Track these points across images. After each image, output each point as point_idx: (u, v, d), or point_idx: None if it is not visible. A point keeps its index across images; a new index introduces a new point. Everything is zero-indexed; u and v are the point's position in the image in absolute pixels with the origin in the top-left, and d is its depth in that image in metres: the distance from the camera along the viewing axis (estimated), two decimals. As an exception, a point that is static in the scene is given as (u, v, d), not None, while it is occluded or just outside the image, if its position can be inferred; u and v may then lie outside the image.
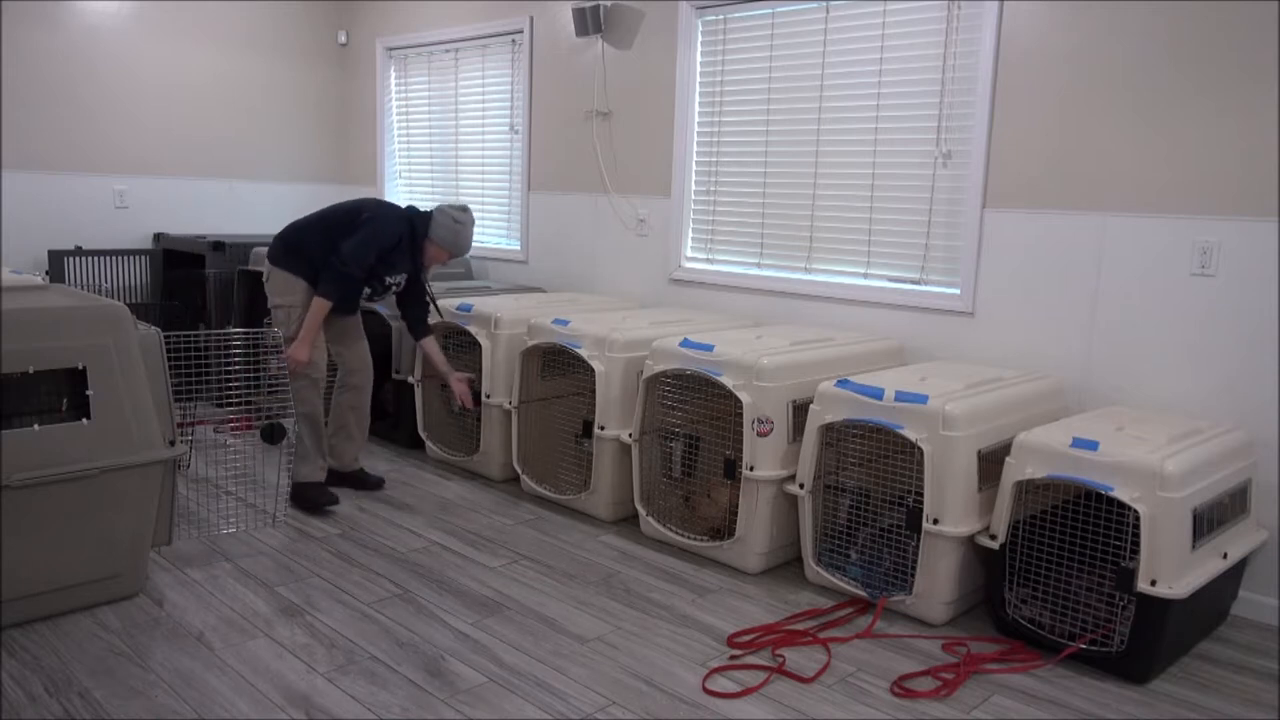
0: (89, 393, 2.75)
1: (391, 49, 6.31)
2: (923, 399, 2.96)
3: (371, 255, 3.72)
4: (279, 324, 3.82)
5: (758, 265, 4.48)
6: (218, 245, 5.31)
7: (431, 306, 4.16)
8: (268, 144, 6.38)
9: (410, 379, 4.54)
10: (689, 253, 4.75)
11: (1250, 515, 3.04)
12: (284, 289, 3.80)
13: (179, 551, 3.36)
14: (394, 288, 3.93)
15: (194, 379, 4.74)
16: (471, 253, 5.83)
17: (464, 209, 3.88)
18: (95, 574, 2.85)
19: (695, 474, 3.71)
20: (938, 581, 2.97)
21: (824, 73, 4.14)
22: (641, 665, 2.69)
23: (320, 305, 3.70)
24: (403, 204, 4.19)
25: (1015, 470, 2.85)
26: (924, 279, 3.91)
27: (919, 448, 2.95)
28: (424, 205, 6.24)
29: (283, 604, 2.98)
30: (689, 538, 3.50)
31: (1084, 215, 3.45)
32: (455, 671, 2.61)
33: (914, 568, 3.01)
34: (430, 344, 4.09)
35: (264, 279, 3.87)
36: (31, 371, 2.67)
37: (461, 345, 4.58)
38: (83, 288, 5.51)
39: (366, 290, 3.86)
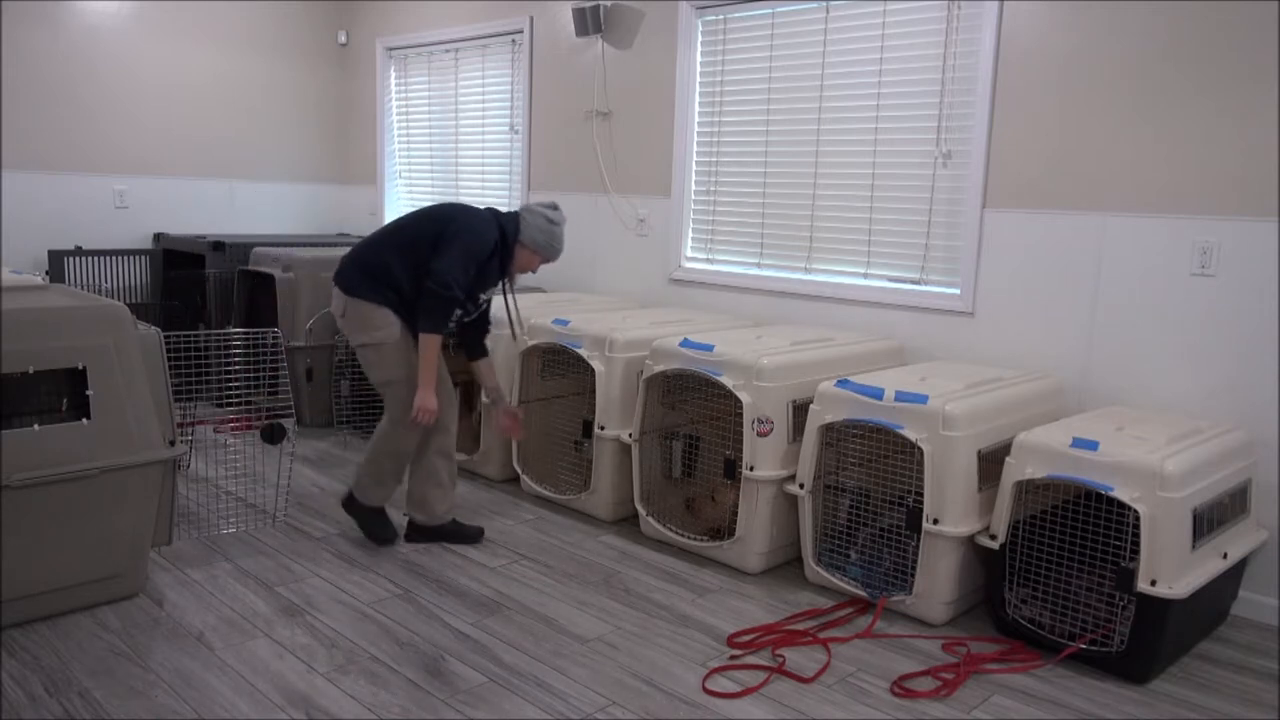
0: (89, 393, 2.75)
1: (391, 49, 6.31)
2: (923, 399, 2.96)
3: (471, 270, 3.20)
4: (370, 365, 3.28)
5: (758, 265, 4.48)
6: (218, 245, 5.31)
7: (513, 325, 3.68)
8: (268, 144, 6.38)
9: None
10: (689, 253, 4.75)
11: (1250, 515, 3.04)
12: (370, 323, 3.24)
13: (179, 551, 3.36)
14: (485, 305, 3.44)
15: (194, 379, 4.74)
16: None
17: (555, 206, 3.37)
18: (95, 574, 2.85)
19: (696, 474, 3.71)
20: (938, 581, 2.97)
21: (824, 73, 4.14)
22: (641, 665, 2.69)
23: (432, 343, 3.17)
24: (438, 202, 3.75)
25: (1015, 470, 2.85)
26: (924, 279, 3.91)
27: (919, 448, 2.95)
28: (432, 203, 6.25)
29: (283, 604, 2.98)
30: (689, 538, 3.50)
31: (1084, 215, 3.45)
32: (455, 671, 2.61)
33: (914, 568, 3.01)
34: (486, 366, 3.56)
35: (338, 314, 3.30)
36: (31, 371, 2.67)
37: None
38: (83, 288, 5.51)
39: (458, 312, 3.25)
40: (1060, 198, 3.50)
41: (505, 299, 3.54)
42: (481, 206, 3.35)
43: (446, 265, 3.14)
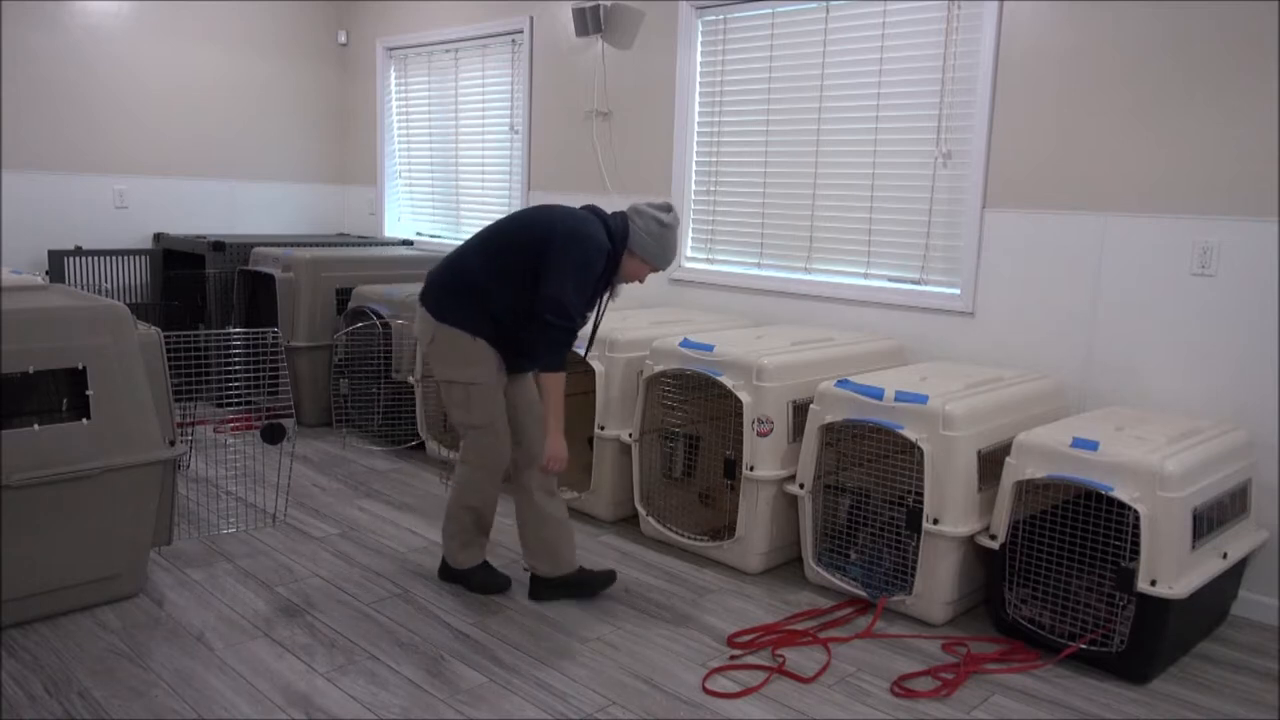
0: (89, 393, 2.75)
1: (391, 49, 6.31)
2: (923, 399, 2.96)
3: (588, 290, 2.74)
4: (456, 405, 2.83)
5: (758, 265, 4.48)
6: (218, 245, 5.31)
7: (590, 341, 3.22)
8: (268, 144, 6.38)
9: (410, 379, 4.54)
10: (689, 253, 4.75)
11: (1250, 515, 3.04)
12: (464, 357, 2.79)
13: (179, 551, 3.36)
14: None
15: (194, 379, 4.74)
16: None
17: (668, 208, 2.86)
18: (95, 574, 2.85)
19: (696, 474, 3.71)
20: (938, 581, 2.97)
21: (824, 73, 4.14)
22: (641, 665, 2.69)
23: (556, 384, 2.74)
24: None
25: (1015, 470, 2.85)
26: (924, 279, 3.91)
27: (919, 448, 2.95)
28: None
29: (283, 604, 2.98)
30: (689, 538, 3.50)
31: (1084, 215, 3.45)
32: (455, 671, 2.61)
33: (914, 568, 3.01)
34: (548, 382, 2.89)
35: (425, 340, 2.85)
36: (31, 371, 2.67)
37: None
38: (83, 288, 5.51)
39: None
40: (1060, 198, 3.50)
41: (596, 312, 3.00)
42: (576, 206, 2.88)
43: (559, 288, 2.66)
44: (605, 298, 2.94)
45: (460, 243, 2.86)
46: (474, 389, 2.80)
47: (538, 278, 2.72)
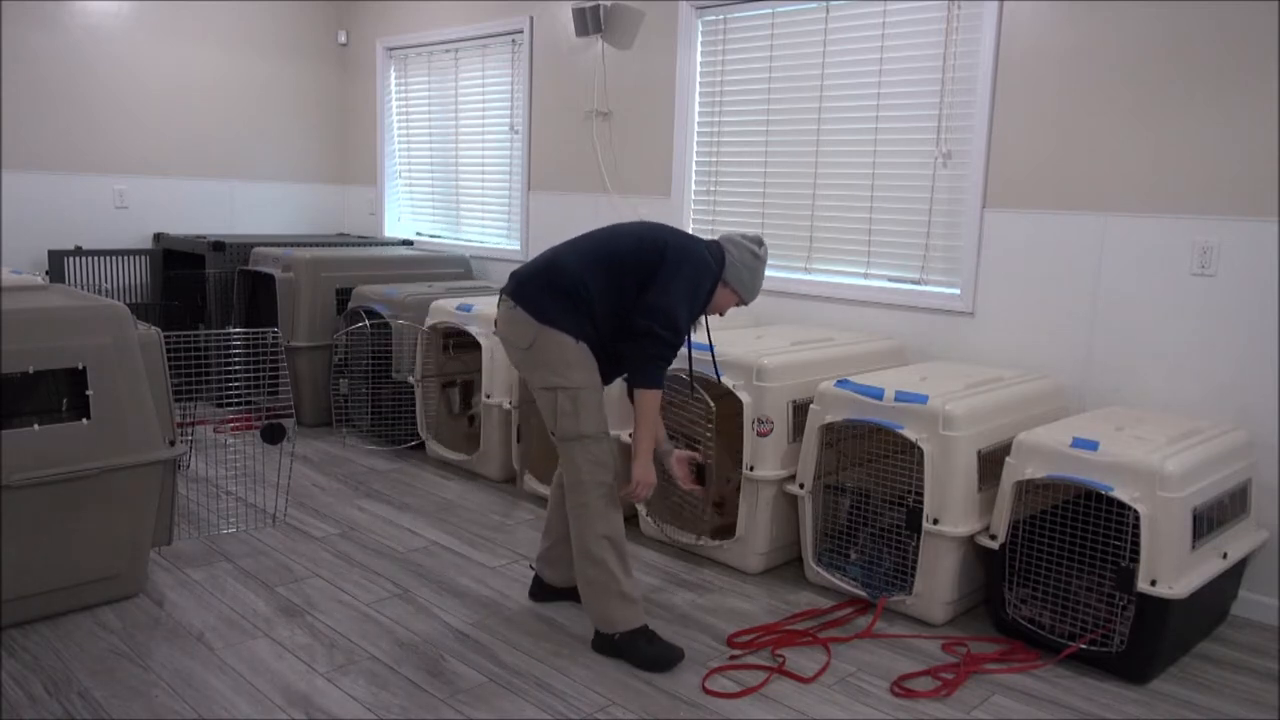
0: (89, 393, 2.75)
1: (391, 49, 6.31)
2: (923, 399, 2.96)
3: (695, 310, 2.66)
4: (561, 414, 2.63)
5: (758, 265, 4.47)
6: (218, 245, 5.31)
7: (692, 379, 3.09)
8: (268, 144, 6.38)
9: (410, 379, 4.54)
10: (689, 253, 4.74)
11: (1250, 515, 3.04)
12: (568, 359, 2.61)
13: (179, 551, 3.36)
14: None
15: (194, 379, 4.74)
16: (471, 253, 5.83)
17: (760, 241, 2.77)
18: (95, 574, 2.85)
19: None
20: (938, 581, 2.97)
21: (824, 73, 4.14)
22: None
23: (654, 402, 2.62)
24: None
25: (1015, 470, 2.85)
26: (924, 279, 3.91)
27: (919, 448, 2.95)
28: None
29: (283, 604, 2.98)
30: (689, 538, 3.50)
31: (1084, 215, 3.45)
32: (455, 671, 2.61)
33: (914, 568, 3.01)
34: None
35: (522, 346, 2.65)
36: (31, 371, 2.67)
37: (461, 345, 4.58)
38: (83, 288, 5.51)
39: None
40: (1060, 198, 3.50)
41: (689, 346, 2.92)
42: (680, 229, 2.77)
43: (672, 302, 2.54)
44: (694, 329, 2.83)
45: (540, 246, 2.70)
46: (582, 394, 2.62)
47: (643, 291, 2.61)
